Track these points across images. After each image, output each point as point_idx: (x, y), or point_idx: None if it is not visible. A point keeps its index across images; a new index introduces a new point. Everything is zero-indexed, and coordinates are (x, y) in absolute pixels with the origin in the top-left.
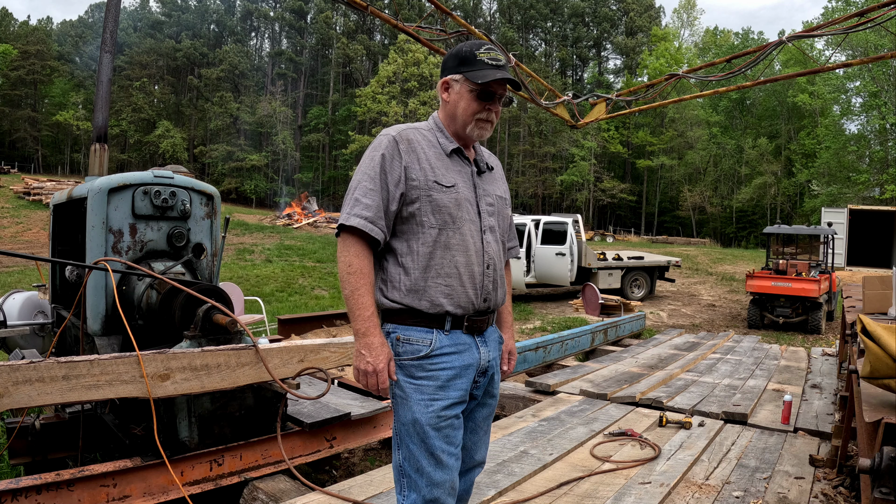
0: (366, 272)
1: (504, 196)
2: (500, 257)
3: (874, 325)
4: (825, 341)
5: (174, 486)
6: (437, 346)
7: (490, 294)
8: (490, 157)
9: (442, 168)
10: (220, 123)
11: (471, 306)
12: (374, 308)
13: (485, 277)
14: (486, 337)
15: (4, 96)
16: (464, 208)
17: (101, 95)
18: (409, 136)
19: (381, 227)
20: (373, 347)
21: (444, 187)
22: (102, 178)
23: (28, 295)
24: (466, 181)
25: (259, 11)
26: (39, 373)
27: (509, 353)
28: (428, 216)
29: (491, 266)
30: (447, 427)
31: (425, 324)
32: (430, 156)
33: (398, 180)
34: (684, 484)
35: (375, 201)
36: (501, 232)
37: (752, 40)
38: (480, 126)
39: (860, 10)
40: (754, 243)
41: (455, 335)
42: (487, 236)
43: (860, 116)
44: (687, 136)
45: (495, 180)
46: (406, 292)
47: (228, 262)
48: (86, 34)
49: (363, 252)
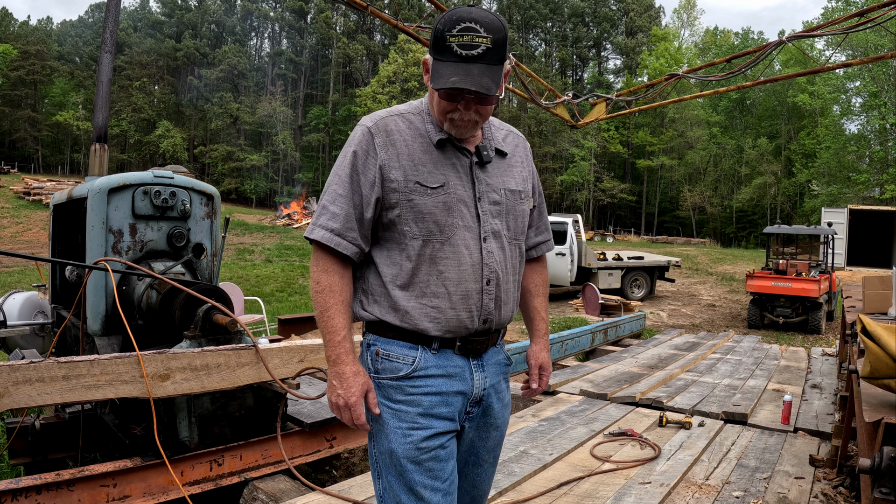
0: (336, 290)
1: (518, 189)
2: (512, 266)
3: (874, 325)
4: (825, 341)
5: (174, 486)
6: (420, 366)
7: (492, 314)
8: (508, 136)
9: (429, 164)
10: (220, 123)
11: (464, 330)
12: (346, 331)
13: (484, 295)
14: (485, 360)
15: (4, 96)
16: (456, 212)
17: (101, 95)
18: (389, 126)
19: (352, 238)
20: (344, 378)
21: (429, 189)
22: (102, 178)
23: (28, 295)
24: (462, 177)
25: (259, 11)
26: (39, 373)
27: (540, 367)
28: (409, 225)
29: (493, 280)
30: (430, 460)
31: (409, 339)
32: (415, 149)
33: (373, 182)
34: (684, 484)
35: (344, 209)
36: (514, 233)
37: (752, 40)
38: (456, 126)
39: (860, 10)
40: (754, 243)
41: (445, 355)
42: (490, 244)
43: (860, 116)
44: (687, 136)
45: (508, 169)
46: (387, 310)
47: (228, 262)
48: (86, 34)
49: (333, 267)
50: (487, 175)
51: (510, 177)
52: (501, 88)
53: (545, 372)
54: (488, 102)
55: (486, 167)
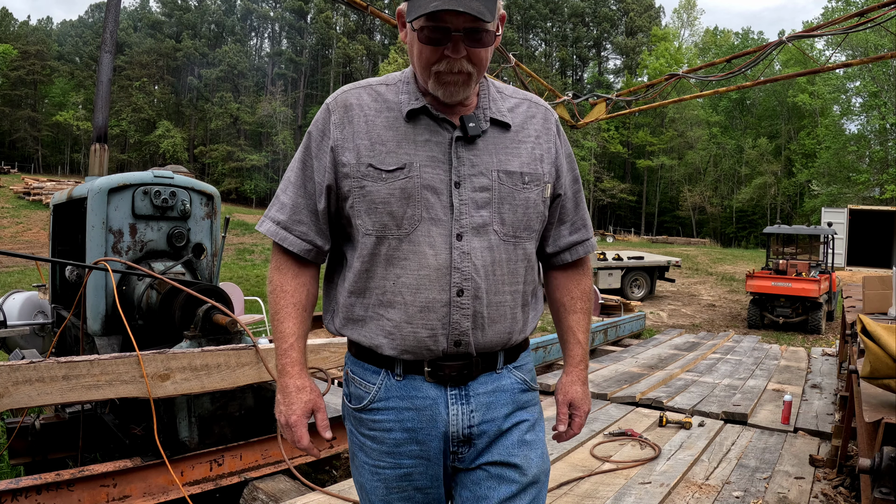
0: (287, 290)
1: (521, 170)
2: (509, 272)
3: (874, 325)
4: (825, 341)
5: (174, 486)
6: (380, 396)
7: (466, 334)
8: (520, 106)
9: (390, 142)
10: (220, 123)
11: (426, 352)
12: (295, 338)
13: (453, 309)
14: (471, 390)
15: (4, 96)
16: (418, 201)
17: (101, 95)
18: (349, 101)
19: (301, 233)
20: (286, 392)
21: (383, 173)
22: (102, 178)
23: (28, 295)
24: (435, 157)
25: (259, 11)
26: (39, 373)
27: (570, 404)
28: (361, 217)
29: (468, 291)
30: (403, 501)
31: (371, 359)
32: (376, 125)
33: (325, 168)
34: (684, 484)
35: (292, 199)
36: (514, 228)
37: (752, 40)
38: (443, 82)
39: (860, 10)
40: (754, 243)
41: (412, 383)
42: (469, 242)
43: (860, 116)
44: (687, 136)
45: (512, 145)
46: (343, 321)
47: (228, 262)
48: (86, 34)
49: (286, 265)
50: (475, 153)
51: (512, 155)
52: (497, 36)
53: (577, 411)
54: (483, 43)
55: (474, 143)
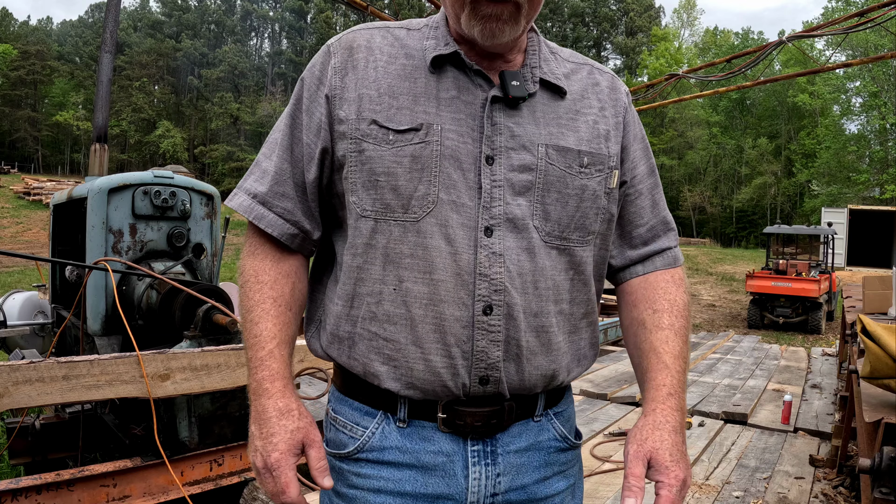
0: (265, 281)
1: (579, 148)
2: (553, 286)
3: (874, 325)
4: (825, 341)
5: (174, 486)
6: (373, 444)
7: (497, 368)
8: (580, 70)
9: (405, 94)
10: (220, 123)
11: (440, 390)
12: (275, 344)
13: (477, 332)
14: (500, 446)
15: (4, 96)
16: (436, 176)
17: (101, 95)
18: (356, 42)
19: (282, 210)
20: (264, 419)
21: (391, 133)
22: (102, 178)
23: (28, 295)
24: (463, 119)
25: (259, 11)
26: (39, 373)
27: (649, 462)
28: (357, 193)
29: (499, 307)
30: None
31: (364, 395)
32: (389, 72)
33: (319, 125)
34: None
35: (278, 164)
36: (561, 227)
37: (752, 40)
38: (482, 17)
39: (860, 10)
40: (754, 243)
41: (419, 431)
42: (502, 239)
43: (860, 116)
44: (687, 136)
45: (568, 116)
46: (330, 338)
47: (228, 262)
48: (86, 34)
49: (262, 248)
50: (517, 121)
51: (567, 128)
52: None
53: (665, 476)
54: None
55: (517, 108)
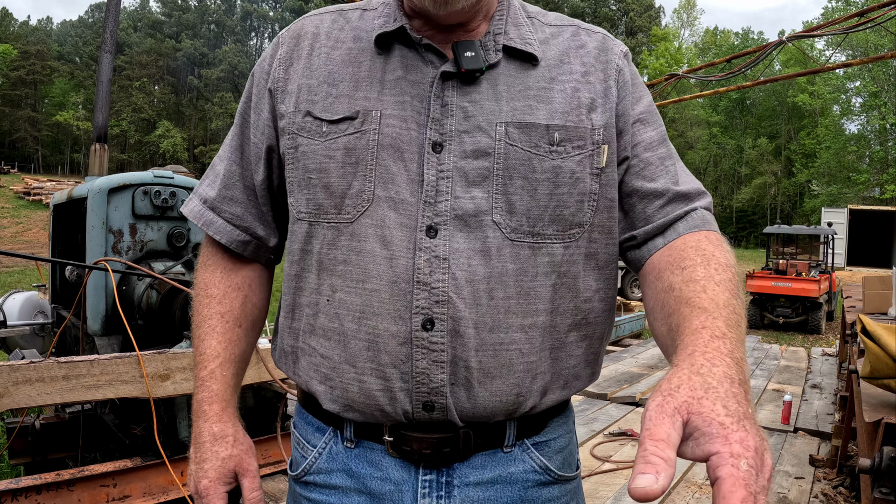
0: (214, 294)
1: (552, 122)
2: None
3: (874, 325)
4: (825, 341)
5: (174, 486)
6: (319, 466)
7: (440, 392)
8: (561, 34)
9: (345, 80)
10: (220, 123)
11: (380, 413)
12: (218, 364)
13: (416, 350)
14: (458, 477)
15: (4, 96)
16: (372, 169)
17: (101, 95)
18: (304, 29)
19: (233, 215)
20: (198, 444)
21: (325, 124)
22: (102, 178)
23: (28, 295)
24: (407, 101)
25: (259, 11)
26: (39, 373)
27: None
28: (294, 194)
29: (442, 322)
30: None
31: (314, 410)
32: (334, 60)
33: (264, 122)
34: (684, 484)
35: (227, 166)
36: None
37: (752, 40)
38: None
39: (860, 10)
40: (754, 243)
41: (365, 454)
42: (449, 240)
43: (860, 116)
44: (687, 136)
45: (537, 85)
46: (279, 353)
47: None
48: (86, 34)
49: (215, 260)
50: (473, 99)
51: (538, 100)
52: None
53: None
54: None
55: (475, 83)
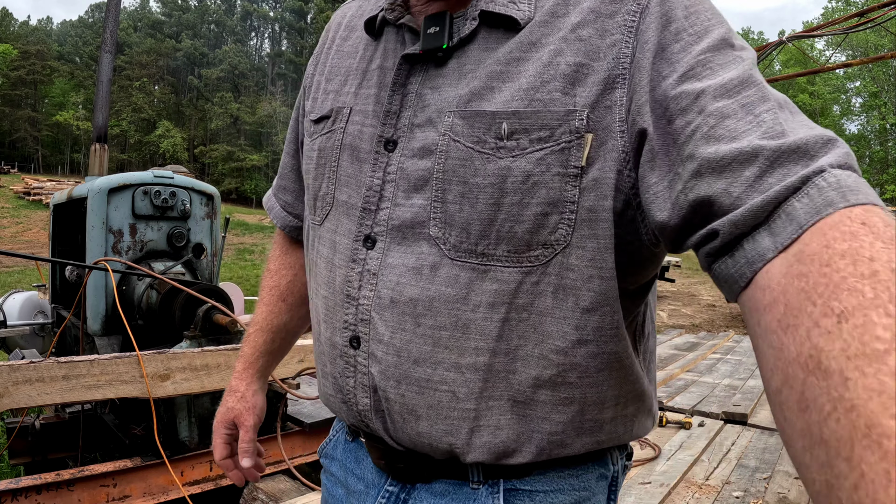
0: (271, 269)
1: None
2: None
3: None
4: None
5: (174, 486)
6: (327, 451)
7: (366, 416)
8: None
9: (341, 73)
10: (220, 123)
11: (344, 415)
12: (255, 329)
13: (346, 366)
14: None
15: (4, 96)
16: (335, 171)
17: (101, 95)
18: (334, 20)
19: (285, 202)
20: (228, 391)
21: (312, 125)
22: (102, 178)
23: (28, 295)
24: (374, 95)
25: (259, 11)
26: (39, 373)
27: None
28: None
29: (367, 343)
30: None
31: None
32: (340, 51)
33: (300, 119)
34: (684, 484)
35: (284, 158)
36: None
37: (752, 40)
38: None
39: (860, 10)
40: None
41: (355, 451)
42: (386, 253)
43: (860, 116)
44: None
45: (508, 58)
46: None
47: (228, 262)
48: (86, 34)
49: (278, 240)
50: (437, 84)
51: (501, 79)
52: None
53: None
54: None
55: (443, 65)
